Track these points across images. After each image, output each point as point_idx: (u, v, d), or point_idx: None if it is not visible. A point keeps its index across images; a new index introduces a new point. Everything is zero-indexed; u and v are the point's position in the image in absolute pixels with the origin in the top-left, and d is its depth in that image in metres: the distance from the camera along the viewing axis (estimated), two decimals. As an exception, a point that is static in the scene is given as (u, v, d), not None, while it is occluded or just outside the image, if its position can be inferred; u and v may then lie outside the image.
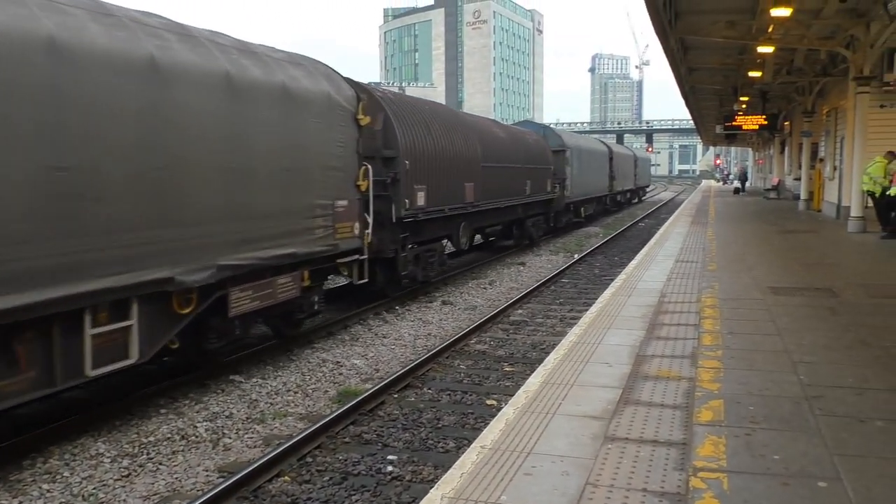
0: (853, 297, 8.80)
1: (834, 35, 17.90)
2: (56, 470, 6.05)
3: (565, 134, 28.48)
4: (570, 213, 27.37)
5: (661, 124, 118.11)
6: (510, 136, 20.24)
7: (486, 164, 16.84)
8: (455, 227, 15.45)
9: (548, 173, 23.12)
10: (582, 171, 27.96)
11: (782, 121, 33.33)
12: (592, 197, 31.26)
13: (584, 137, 35.84)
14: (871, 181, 15.84)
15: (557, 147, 25.31)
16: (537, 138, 23.37)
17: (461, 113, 17.77)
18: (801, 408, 4.82)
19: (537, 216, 22.83)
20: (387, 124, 12.28)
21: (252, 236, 7.90)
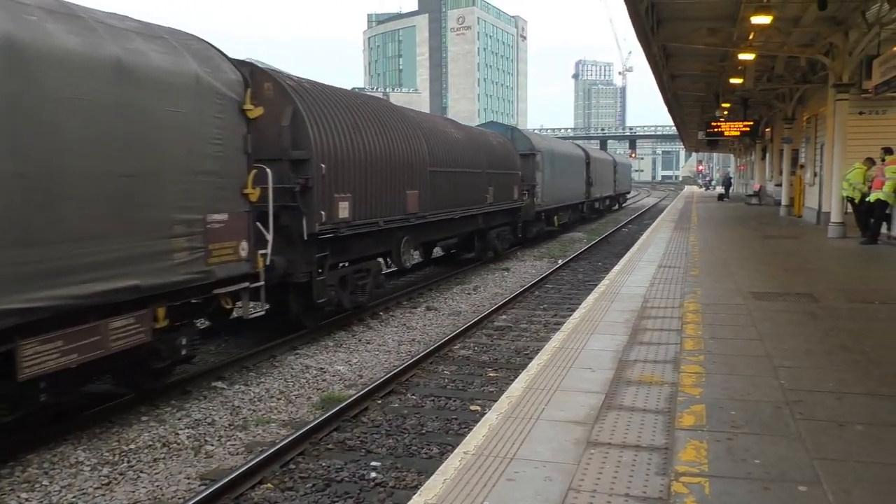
0: (833, 302, 8.89)
1: (813, 42, 18.12)
2: (35, 478, 5.97)
3: (535, 136, 26.54)
4: (541, 223, 25.40)
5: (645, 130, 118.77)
6: (468, 138, 17.97)
7: (436, 169, 14.78)
8: (395, 242, 13.26)
9: (515, 179, 21.12)
10: (555, 176, 26.09)
11: (763, 127, 33.64)
12: (567, 204, 29.28)
13: (558, 141, 33.41)
14: (850, 187, 16.02)
15: (526, 150, 23.32)
16: (502, 141, 21.21)
17: (405, 109, 15.31)
18: (782, 412, 4.85)
19: (502, 226, 20.70)
20: (297, 119, 10.04)
21: (60, 266, 5.87)
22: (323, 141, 10.39)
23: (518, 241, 23.40)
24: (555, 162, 26.22)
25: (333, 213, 10.61)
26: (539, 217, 24.64)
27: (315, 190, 10.10)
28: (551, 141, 29.34)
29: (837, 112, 17.13)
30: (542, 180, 24.11)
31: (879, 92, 15.17)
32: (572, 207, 30.90)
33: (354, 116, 11.68)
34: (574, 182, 30.50)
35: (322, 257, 10.63)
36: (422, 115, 16.70)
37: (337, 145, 10.77)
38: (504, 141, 21.39)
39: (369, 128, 12.06)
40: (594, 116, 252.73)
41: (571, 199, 29.99)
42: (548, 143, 27.15)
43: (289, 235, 9.90)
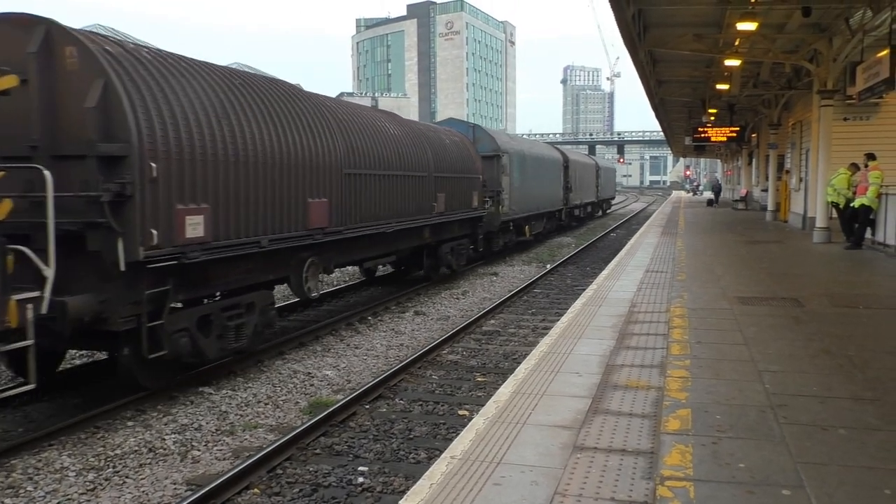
0: (818, 307, 8.96)
1: (798, 49, 18.29)
2: (19, 484, 5.93)
3: (502, 136, 23.90)
4: (510, 233, 22.86)
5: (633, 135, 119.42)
6: (410, 135, 14.80)
7: (356, 172, 11.67)
8: (295, 265, 10.33)
9: (475, 184, 18.16)
10: (526, 181, 23.53)
11: (749, 133, 33.91)
12: (542, 212, 26.49)
13: (531, 142, 29.91)
14: (835, 193, 16.16)
15: (490, 152, 20.67)
16: (459, 140, 18.17)
17: (317, 96, 11.89)
18: (766, 416, 4.89)
19: (459, 239, 17.73)
20: (109, 99, 7.15)
21: None
22: (156, 130, 7.42)
23: (480, 256, 21.04)
24: (526, 165, 23.73)
25: (176, 232, 7.63)
26: (506, 227, 22.18)
27: (137, 200, 7.15)
28: (522, 142, 26.59)
29: (822, 118, 17.29)
30: (509, 185, 21.54)
31: (863, 98, 15.33)
32: (548, 216, 28.15)
33: (223, 99, 8.71)
34: (550, 188, 27.88)
35: (158, 294, 7.70)
36: (343, 105, 12.85)
37: (184, 137, 7.78)
38: (461, 140, 18.34)
39: (248, 115, 9.04)
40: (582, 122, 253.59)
41: (547, 207, 27.22)
42: (518, 144, 24.54)
43: (101, 266, 7.19)
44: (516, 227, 23.48)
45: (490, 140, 21.15)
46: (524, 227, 24.38)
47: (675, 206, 42.63)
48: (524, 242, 25.19)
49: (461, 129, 20.37)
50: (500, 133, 24.73)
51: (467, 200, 17.70)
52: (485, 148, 20.56)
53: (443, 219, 15.94)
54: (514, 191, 21.98)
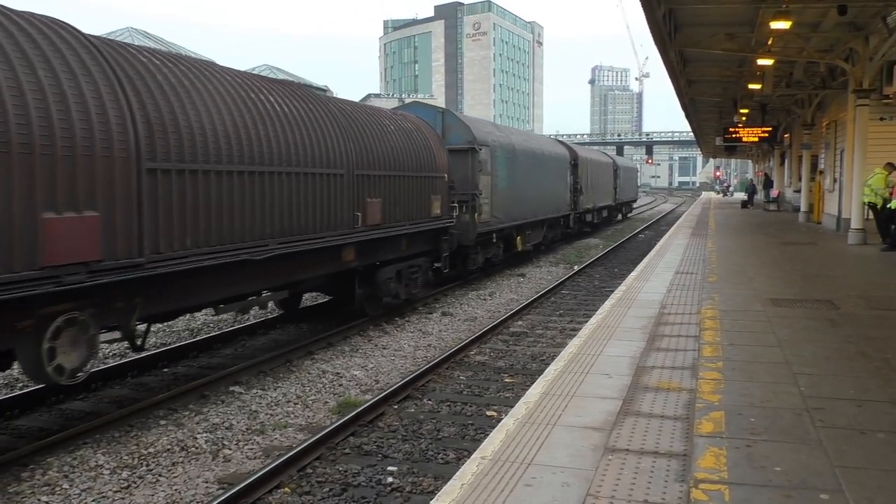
0: (854, 309, 8.80)
1: (833, 48, 17.99)
2: (55, 482, 6.03)
3: (483, 124, 18.68)
4: (493, 247, 18.01)
5: (662, 136, 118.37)
6: (317, 114, 10.19)
7: (175, 167, 7.26)
8: (27, 330, 6.18)
9: (436, 186, 13.80)
10: (516, 182, 19.13)
11: (782, 133, 33.43)
12: (542, 219, 22.15)
13: (525, 134, 24.82)
14: (872, 193, 15.87)
15: (462, 144, 16.01)
16: (412, 127, 13.54)
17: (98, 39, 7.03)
18: (802, 419, 4.81)
19: (411, 259, 13.27)
20: None
21: None
22: None
23: (451, 278, 16.43)
24: (517, 162, 19.38)
25: None
26: (487, 239, 17.47)
27: None
28: (513, 134, 21.46)
29: (858, 118, 16.99)
30: (491, 187, 17.08)
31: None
32: (550, 223, 23.73)
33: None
34: (552, 190, 23.41)
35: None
36: (140, 56, 7.45)
37: None
38: (417, 128, 13.71)
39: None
40: (610, 122, 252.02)
41: (548, 213, 22.77)
42: (505, 135, 19.57)
43: None
44: (503, 239, 18.81)
45: (463, 129, 16.28)
46: (515, 238, 19.77)
47: (704, 207, 42.17)
48: (518, 256, 21.25)
49: (425, 114, 15.84)
50: (480, 121, 19.09)
51: (424, 207, 13.15)
52: (456, 139, 15.99)
53: (378, 233, 11.43)
54: (498, 193, 17.51)
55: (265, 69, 32.65)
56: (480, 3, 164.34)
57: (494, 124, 21.51)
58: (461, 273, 16.83)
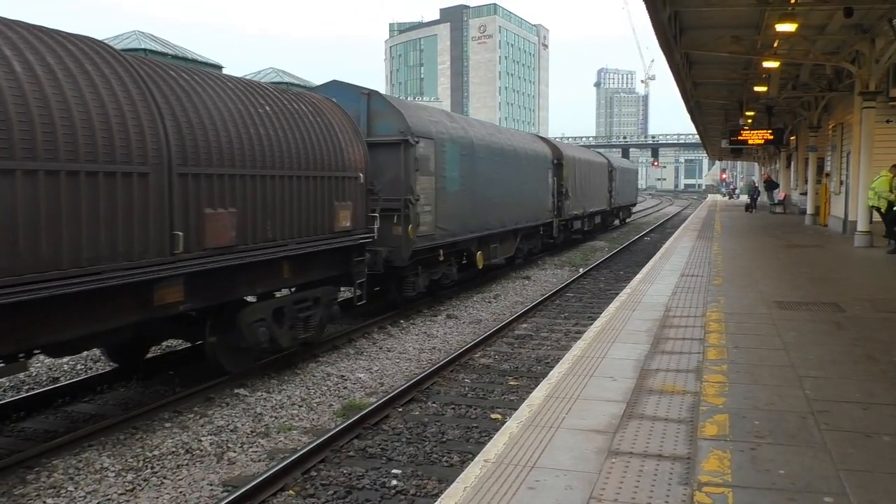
0: (860, 312, 8.77)
1: (839, 50, 17.94)
2: (60, 484, 6.05)
3: (423, 112, 14.18)
4: (442, 266, 14.43)
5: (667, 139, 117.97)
6: (78, 67, 6.32)
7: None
8: None
9: (347, 190, 10.27)
10: (475, 185, 15.54)
11: (788, 135, 33.34)
12: (511, 229, 18.43)
13: (490, 127, 19.15)
14: (876, 196, 15.81)
15: (392, 136, 12.39)
16: (314, 110, 10.08)
17: None
18: (807, 422, 4.79)
19: (308, 288, 9.97)
20: None
21: None
22: None
23: (374, 311, 12.93)
24: (476, 160, 15.70)
25: None
26: (432, 258, 13.86)
27: None
28: (472, 125, 16.92)
29: (864, 120, 16.93)
30: (435, 191, 13.43)
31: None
32: (524, 233, 20.01)
33: None
34: (528, 194, 19.63)
35: None
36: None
37: None
38: (319, 112, 10.13)
39: None
40: (616, 125, 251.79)
41: (520, 221, 19.07)
42: (458, 127, 15.37)
43: None
44: (457, 255, 15.52)
45: (394, 117, 12.55)
46: (477, 253, 16.20)
47: (710, 209, 42.08)
48: (480, 275, 17.54)
49: (344, 96, 12.09)
50: (423, 108, 14.94)
51: (322, 219, 9.65)
52: (385, 129, 12.49)
53: (228, 260, 7.94)
54: (446, 199, 13.93)
55: (270, 72, 32.61)
56: (486, 6, 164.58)
57: (447, 113, 16.89)
58: (396, 301, 13.34)
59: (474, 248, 16.14)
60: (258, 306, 9.01)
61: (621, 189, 36.70)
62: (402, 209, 12.32)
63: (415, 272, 13.28)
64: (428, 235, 13.22)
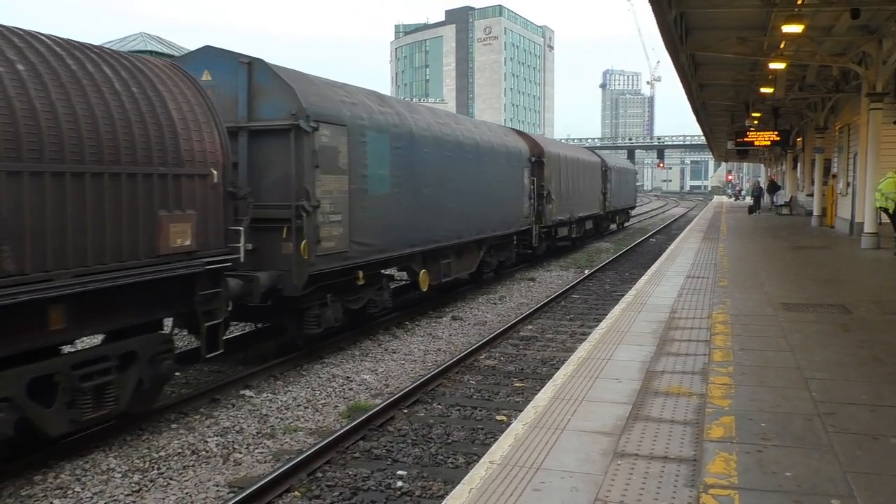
0: (867, 314, 8.74)
1: (846, 51, 17.90)
2: (67, 485, 6.07)
3: (329, 89, 10.54)
4: (366, 291, 11.21)
5: (673, 140, 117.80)
6: None
7: None
8: None
9: (186, 193, 7.31)
10: (415, 186, 12.33)
11: (794, 137, 33.25)
12: (474, 240, 15.35)
13: (444, 115, 15.65)
14: (883, 198, 15.76)
15: (279, 119, 9.40)
16: (134, 76, 7.00)
17: None
18: (814, 424, 4.78)
19: (117, 340, 7.04)
20: None
21: None
22: None
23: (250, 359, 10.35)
24: (417, 155, 12.41)
25: None
26: (347, 282, 10.60)
27: None
28: (415, 111, 13.33)
29: (871, 121, 16.89)
30: (349, 194, 10.23)
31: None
32: (492, 244, 16.76)
33: None
34: (492, 197, 16.20)
35: None
36: None
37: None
38: (161, 80, 7.39)
39: None
40: (622, 126, 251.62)
41: (485, 230, 15.88)
42: (390, 112, 11.90)
43: None
44: (385, 277, 12.05)
45: (283, 94, 9.41)
46: (417, 273, 12.76)
47: (716, 211, 41.98)
48: (431, 297, 14.34)
49: (219, 65, 9.60)
50: (329, 84, 10.84)
51: (136, 235, 6.75)
52: (271, 111, 9.44)
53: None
54: (367, 205, 10.68)
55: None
56: (491, 8, 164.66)
57: (377, 94, 12.28)
58: (293, 343, 10.33)
59: (417, 266, 12.85)
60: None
61: (618, 191, 33.73)
62: (294, 219, 9.16)
63: (321, 302, 9.99)
64: (337, 253, 9.92)
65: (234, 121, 9.26)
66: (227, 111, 9.07)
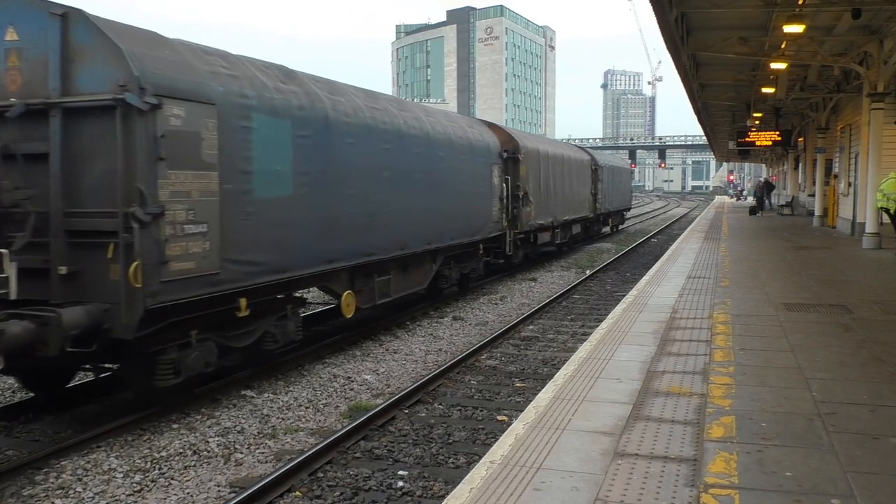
0: (868, 314, 8.74)
1: (847, 51, 17.90)
2: (69, 485, 6.08)
3: (183, 51, 7.55)
4: (256, 324, 8.65)
5: (674, 140, 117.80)
6: None
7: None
8: None
9: None
10: (333, 186, 9.69)
11: (796, 137, 33.25)
12: (426, 250, 12.83)
13: (380, 99, 11.87)
14: (884, 198, 15.76)
15: (101, 93, 6.69)
16: None
17: None
18: (814, 424, 4.78)
19: None
20: None
21: None
22: None
23: None
24: (334, 146, 9.77)
25: None
26: (221, 314, 7.98)
27: None
28: (337, 91, 10.36)
29: (872, 121, 16.89)
30: (217, 198, 7.55)
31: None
32: (449, 254, 14.26)
33: None
34: (449, 198, 13.62)
35: None
36: None
37: None
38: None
39: None
40: (623, 126, 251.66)
41: (437, 239, 13.18)
42: (296, 91, 9.16)
43: None
44: (290, 303, 9.40)
45: (109, 57, 6.77)
46: (339, 295, 10.35)
47: (717, 211, 41.97)
48: (355, 327, 11.98)
49: (28, 22, 7.04)
50: (182, 46, 7.73)
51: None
52: (92, 80, 6.87)
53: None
54: (253, 211, 8.16)
55: None
56: (493, 8, 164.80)
57: (282, 69, 9.43)
58: (146, 396, 7.83)
59: (340, 286, 10.36)
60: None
61: (610, 191, 31.01)
62: (122, 232, 6.66)
63: (182, 342, 7.56)
64: (201, 277, 7.36)
65: (43, 95, 6.88)
66: (37, 82, 6.92)
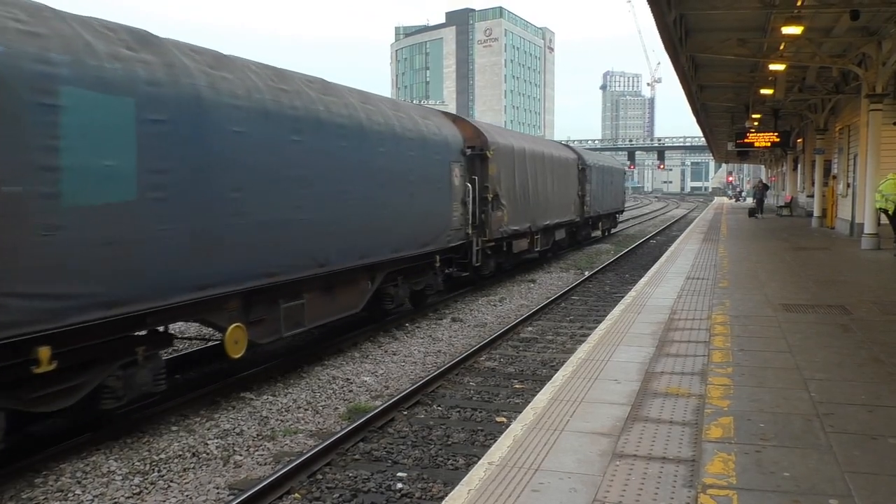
0: (866, 315, 8.74)
1: (846, 53, 17.93)
2: (68, 488, 6.07)
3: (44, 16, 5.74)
4: (75, 379, 6.29)
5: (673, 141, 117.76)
6: None
7: None
8: None
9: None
10: (197, 187, 7.21)
11: (795, 138, 33.29)
12: (363, 265, 10.74)
13: (294, 80, 9.31)
14: (883, 199, 15.77)
15: None
16: None
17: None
18: (813, 425, 4.79)
19: None
20: None
21: None
22: None
23: None
24: (211, 135, 7.37)
25: None
26: (5, 370, 5.57)
27: None
28: (227, 66, 7.91)
29: (871, 122, 16.91)
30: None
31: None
32: (396, 270, 12.13)
33: None
34: (396, 203, 11.60)
35: None
36: None
37: None
38: None
39: None
40: (622, 127, 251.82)
41: (379, 252, 11.15)
42: (152, 62, 6.70)
43: None
44: (146, 343, 7.14)
45: None
46: (224, 329, 7.89)
47: (717, 212, 41.99)
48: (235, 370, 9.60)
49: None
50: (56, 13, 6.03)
51: None
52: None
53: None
54: (18, 222, 5.49)
55: None
56: (492, 10, 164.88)
57: (133, 31, 6.93)
58: None
59: (223, 319, 7.98)
60: None
61: (600, 193, 28.51)
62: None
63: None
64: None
65: None
66: None
